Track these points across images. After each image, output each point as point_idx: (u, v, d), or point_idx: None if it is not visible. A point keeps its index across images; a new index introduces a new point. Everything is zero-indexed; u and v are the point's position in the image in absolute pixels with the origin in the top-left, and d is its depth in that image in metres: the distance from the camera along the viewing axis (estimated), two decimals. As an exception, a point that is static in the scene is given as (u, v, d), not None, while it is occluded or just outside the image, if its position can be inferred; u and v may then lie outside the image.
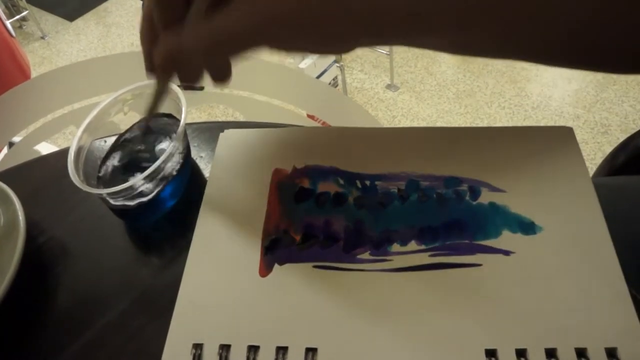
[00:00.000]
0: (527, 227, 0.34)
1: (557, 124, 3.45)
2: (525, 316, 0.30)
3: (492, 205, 0.35)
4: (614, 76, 3.51)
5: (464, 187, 0.36)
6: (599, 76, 3.54)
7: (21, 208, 0.41)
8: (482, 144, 0.39)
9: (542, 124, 3.31)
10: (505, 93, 3.64)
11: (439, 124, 3.51)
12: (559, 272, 0.31)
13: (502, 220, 0.34)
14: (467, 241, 0.34)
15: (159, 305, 0.37)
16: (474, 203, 0.35)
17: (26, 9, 4.02)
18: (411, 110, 3.68)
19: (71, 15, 4.75)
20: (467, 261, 0.33)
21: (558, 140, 0.38)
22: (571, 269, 0.31)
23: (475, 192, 0.36)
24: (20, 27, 4.28)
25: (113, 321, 0.36)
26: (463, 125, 3.44)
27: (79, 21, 4.74)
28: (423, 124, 3.53)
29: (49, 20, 4.56)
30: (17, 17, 3.96)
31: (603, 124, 3.25)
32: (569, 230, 0.33)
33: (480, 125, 3.39)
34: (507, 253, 0.33)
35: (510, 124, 3.42)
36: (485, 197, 0.36)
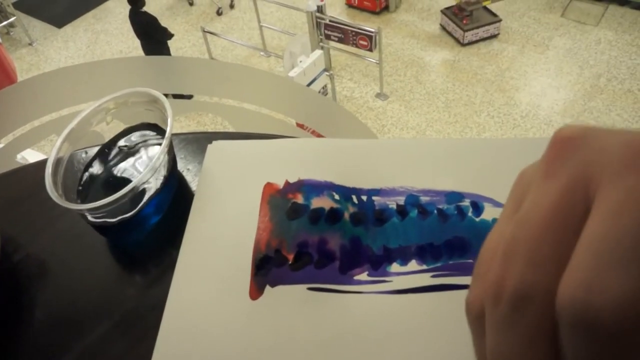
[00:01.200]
0: (533, 246, 0.32)
1: (546, 132, 3.47)
2: None
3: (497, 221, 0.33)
4: (602, 85, 3.55)
5: (466, 202, 0.35)
6: (587, 85, 3.58)
7: (-4, 223, 0.39)
8: (484, 157, 0.37)
9: (530, 132, 3.33)
10: (494, 102, 3.67)
11: (428, 133, 3.52)
12: None
13: None
14: (470, 260, 0.32)
15: (142, 328, 0.34)
16: (477, 220, 0.34)
17: (14, 15, 3.98)
18: (401, 119, 3.68)
19: (59, 21, 4.70)
20: None
21: None
22: None
23: (478, 208, 0.34)
24: (8, 33, 4.23)
25: (92, 346, 0.34)
26: (452, 134, 3.45)
27: (68, 28, 4.71)
28: (412, 133, 3.54)
29: (37, 27, 4.52)
30: (5, 22, 3.92)
31: (591, 133, 3.27)
32: None
33: (470, 134, 3.41)
34: None
35: (499, 133, 3.42)
36: (489, 213, 0.34)
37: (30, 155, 1.71)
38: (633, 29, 4.04)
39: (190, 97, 1.88)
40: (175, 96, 1.81)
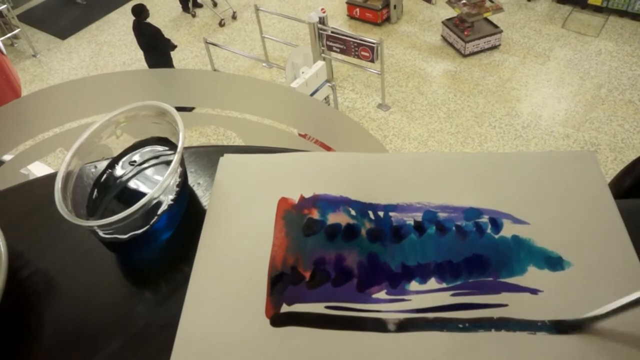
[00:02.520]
0: (555, 263, 0.31)
1: (547, 143, 3.46)
2: None
3: (516, 239, 0.33)
4: (603, 96, 3.55)
5: (485, 218, 0.34)
6: (588, 96, 3.58)
7: (3, 237, 0.38)
8: (501, 171, 0.36)
9: (532, 143, 3.32)
10: (495, 112, 3.67)
11: (430, 143, 3.52)
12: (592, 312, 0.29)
13: (527, 256, 0.32)
14: (490, 279, 0.31)
15: (154, 347, 0.33)
16: (496, 237, 0.33)
17: (18, 27, 4.01)
18: (402, 129, 3.68)
19: (63, 33, 4.74)
20: (492, 301, 0.30)
21: (580, 166, 0.36)
22: (606, 309, 0.29)
23: (497, 225, 0.33)
24: (12, 44, 4.26)
25: (102, 365, 0.33)
26: (454, 144, 3.45)
27: (71, 39, 4.73)
28: (414, 143, 3.53)
29: (40, 38, 4.55)
30: (9, 34, 3.95)
31: (592, 143, 3.28)
32: (600, 265, 0.31)
33: (471, 144, 3.40)
34: (534, 292, 0.30)
35: (501, 143, 3.41)
36: (508, 230, 0.33)
37: (37, 168, 1.71)
38: (633, 40, 4.05)
39: (191, 109, 1.88)
40: (177, 109, 1.82)
